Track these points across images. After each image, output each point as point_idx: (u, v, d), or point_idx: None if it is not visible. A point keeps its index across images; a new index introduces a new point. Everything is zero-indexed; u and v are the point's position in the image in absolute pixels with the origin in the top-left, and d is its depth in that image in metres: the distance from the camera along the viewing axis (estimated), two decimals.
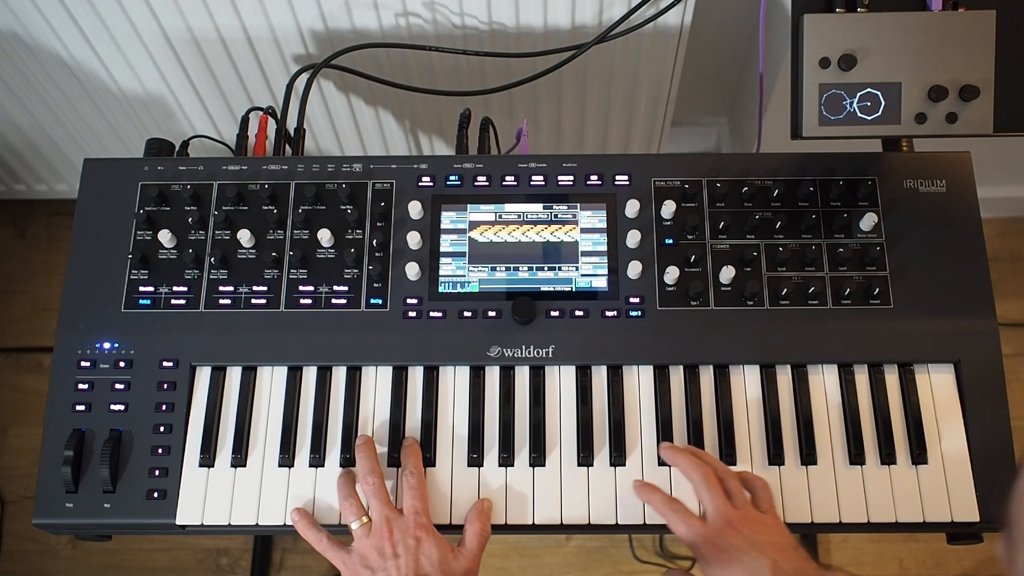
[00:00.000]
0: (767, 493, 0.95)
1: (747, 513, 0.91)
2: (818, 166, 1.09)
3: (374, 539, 0.91)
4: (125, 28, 1.40)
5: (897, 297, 1.03)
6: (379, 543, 0.91)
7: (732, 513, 0.91)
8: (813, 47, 0.97)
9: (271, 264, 1.06)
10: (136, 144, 1.69)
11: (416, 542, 0.90)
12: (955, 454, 0.99)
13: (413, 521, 0.92)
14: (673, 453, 0.97)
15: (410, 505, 0.93)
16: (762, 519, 0.92)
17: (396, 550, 0.90)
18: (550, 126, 1.65)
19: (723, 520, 0.90)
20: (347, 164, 1.10)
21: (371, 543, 0.91)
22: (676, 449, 0.97)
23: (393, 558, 0.89)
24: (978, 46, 0.96)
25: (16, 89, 1.59)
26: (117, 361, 1.02)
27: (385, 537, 0.91)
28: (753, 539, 0.89)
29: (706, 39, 1.62)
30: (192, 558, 1.88)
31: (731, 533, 0.89)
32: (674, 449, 0.97)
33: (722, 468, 0.96)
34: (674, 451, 0.97)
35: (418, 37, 1.41)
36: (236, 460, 1.00)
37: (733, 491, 0.93)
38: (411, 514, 0.92)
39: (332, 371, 1.03)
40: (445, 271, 1.06)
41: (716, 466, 0.96)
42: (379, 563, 0.90)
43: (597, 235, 1.07)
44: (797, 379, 1.02)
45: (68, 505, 0.97)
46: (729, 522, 0.90)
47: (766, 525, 0.91)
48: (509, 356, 1.02)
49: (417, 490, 0.94)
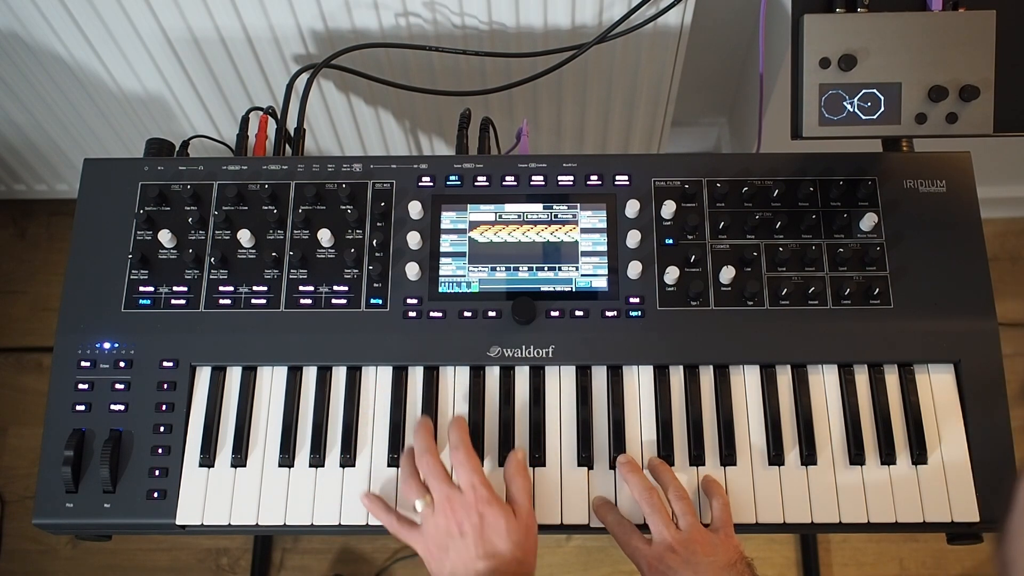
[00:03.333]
0: (724, 507, 0.96)
1: (690, 535, 0.92)
2: (818, 166, 1.09)
3: (439, 518, 0.92)
4: (125, 28, 1.40)
5: (897, 297, 1.03)
6: (445, 523, 0.92)
7: (674, 536, 0.92)
8: (813, 47, 0.97)
9: (271, 264, 1.06)
10: (136, 144, 1.69)
11: (480, 517, 0.91)
12: (955, 454, 0.99)
13: (473, 496, 0.92)
14: (625, 471, 0.97)
15: (466, 480, 0.93)
16: (705, 539, 0.92)
17: (463, 528, 0.91)
18: (550, 126, 1.65)
19: (664, 544, 0.92)
20: (347, 164, 1.10)
21: (438, 523, 0.92)
22: (629, 467, 0.97)
23: (460, 537, 0.91)
24: (978, 46, 0.96)
25: (16, 89, 1.59)
26: (117, 361, 1.02)
27: (449, 516, 0.91)
28: (691, 560, 0.90)
29: (706, 39, 1.62)
30: (192, 558, 1.88)
31: (670, 556, 0.91)
32: (627, 467, 0.97)
33: (675, 487, 0.96)
34: (627, 468, 0.97)
35: (418, 37, 1.41)
36: (236, 460, 1.00)
37: (680, 512, 0.94)
38: (470, 489, 0.92)
39: (332, 371, 1.03)
40: (445, 271, 1.06)
41: (669, 484, 0.96)
42: (449, 542, 0.91)
43: (597, 235, 1.07)
44: (797, 379, 1.02)
45: (68, 505, 0.97)
46: (669, 546, 0.92)
47: (708, 544, 0.92)
48: (509, 356, 1.02)
49: (467, 463, 0.94)
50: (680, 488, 0.96)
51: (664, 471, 0.98)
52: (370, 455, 1.00)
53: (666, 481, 0.97)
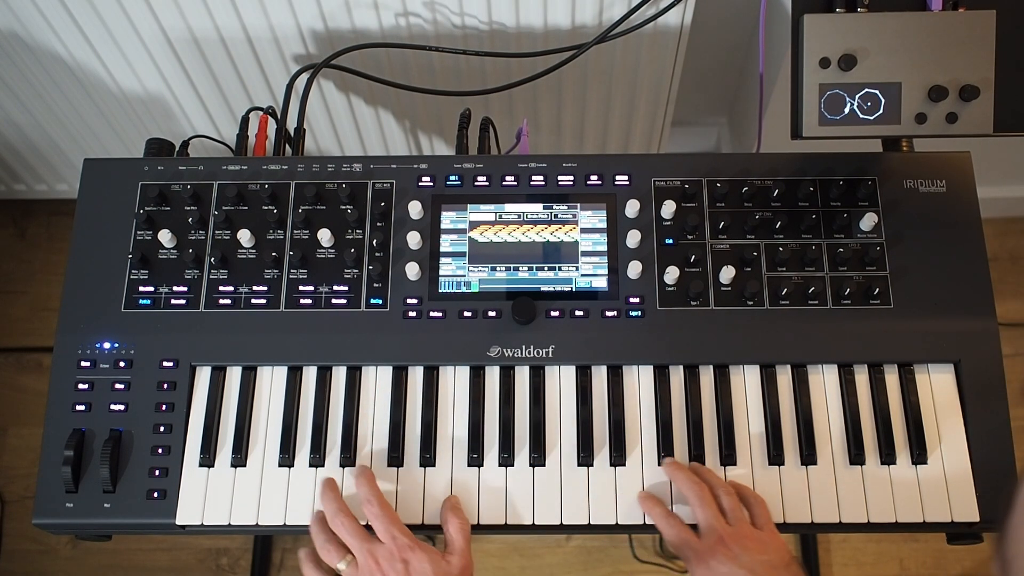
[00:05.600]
0: (764, 509, 0.95)
1: (740, 530, 0.92)
2: (818, 166, 1.09)
3: (364, 574, 0.92)
4: (125, 28, 1.40)
5: (897, 297, 1.03)
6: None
7: (725, 530, 0.91)
8: (813, 47, 0.97)
9: (271, 264, 1.06)
10: (136, 144, 1.69)
11: (404, 564, 0.90)
12: (955, 454, 0.99)
13: (394, 546, 0.92)
14: (673, 469, 0.97)
15: (384, 531, 0.93)
16: (756, 536, 0.92)
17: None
18: (550, 126, 1.65)
19: (715, 537, 0.91)
20: (347, 164, 1.10)
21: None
22: (676, 465, 0.98)
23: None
24: (978, 46, 0.96)
25: (16, 89, 1.59)
26: (117, 361, 1.02)
27: (374, 568, 0.91)
28: (743, 557, 0.90)
29: (706, 39, 1.62)
30: (192, 558, 1.88)
31: (721, 550, 0.90)
32: (675, 465, 0.98)
33: (721, 485, 0.96)
34: (674, 467, 0.97)
35: (418, 37, 1.41)
36: (236, 460, 1.00)
37: (729, 508, 0.94)
38: (389, 540, 0.92)
39: (332, 371, 1.03)
40: (445, 271, 1.06)
41: (715, 483, 0.96)
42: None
43: (597, 235, 1.07)
44: (797, 379, 1.02)
45: (68, 505, 0.97)
46: (721, 539, 0.91)
47: (760, 542, 0.91)
48: (509, 356, 1.02)
49: (383, 515, 0.94)
50: (727, 486, 0.96)
51: (708, 471, 0.98)
52: (370, 455, 1.00)
53: (712, 480, 0.96)
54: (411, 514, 0.98)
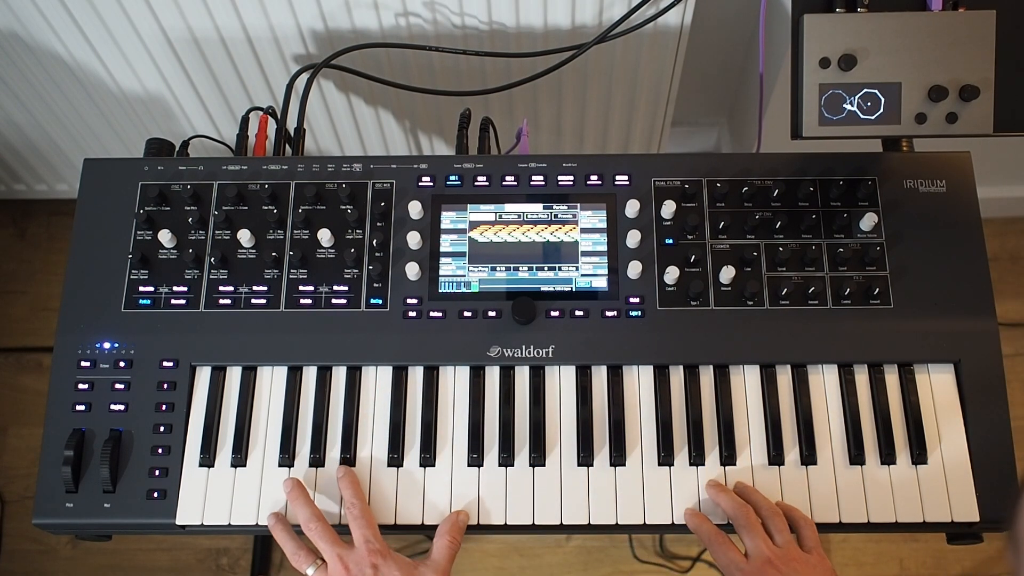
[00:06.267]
0: (812, 531, 0.95)
1: (788, 552, 0.91)
2: (818, 166, 1.09)
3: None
4: (125, 28, 1.40)
5: (897, 297, 1.03)
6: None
7: (773, 552, 0.91)
8: (813, 47, 0.97)
9: (271, 264, 1.06)
10: (136, 144, 1.69)
11: (373, 568, 0.90)
12: (955, 454, 0.99)
13: (366, 550, 0.92)
14: (716, 491, 0.97)
15: (359, 535, 0.93)
16: (804, 558, 0.92)
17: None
18: (550, 126, 1.65)
19: (763, 559, 0.91)
20: (347, 164, 1.10)
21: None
22: (720, 487, 0.97)
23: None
24: (978, 46, 0.96)
25: (16, 89, 1.59)
26: (117, 361, 1.02)
27: (343, 573, 0.91)
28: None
29: (706, 39, 1.62)
30: (192, 558, 1.88)
31: (771, 571, 0.90)
32: (718, 487, 0.97)
33: (768, 506, 0.95)
34: (717, 489, 0.97)
35: (418, 37, 1.41)
36: (236, 460, 1.00)
37: (776, 530, 0.93)
38: (362, 543, 0.92)
39: (332, 371, 1.03)
40: (445, 271, 1.06)
41: (761, 504, 0.96)
42: None
43: (597, 235, 1.07)
44: (797, 379, 1.02)
45: (68, 505, 0.97)
46: (769, 560, 0.90)
47: (808, 564, 0.91)
48: (509, 356, 1.02)
49: (362, 518, 0.94)
50: (773, 506, 0.95)
51: (752, 491, 0.97)
52: (370, 455, 1.00)
53: (756, 500, 0.96)
54: (411, 514, 0.98)
